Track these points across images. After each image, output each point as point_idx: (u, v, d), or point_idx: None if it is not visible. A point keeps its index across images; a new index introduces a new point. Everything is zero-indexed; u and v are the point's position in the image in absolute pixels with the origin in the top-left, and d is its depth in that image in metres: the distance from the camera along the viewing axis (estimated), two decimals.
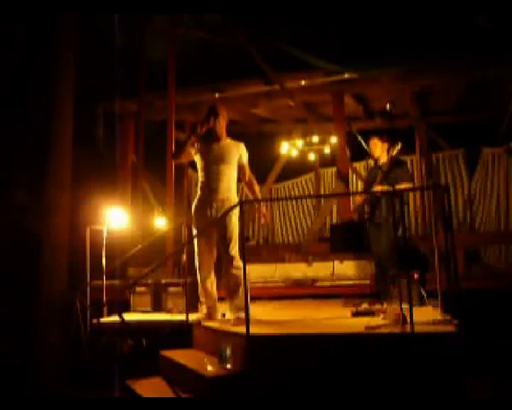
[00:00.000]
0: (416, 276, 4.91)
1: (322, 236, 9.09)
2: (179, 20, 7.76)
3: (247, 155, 4.77)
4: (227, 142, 4.71)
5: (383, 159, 5.48)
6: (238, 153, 4.71)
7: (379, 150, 5.50)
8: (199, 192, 4.69)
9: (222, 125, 4.67)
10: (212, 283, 4.66)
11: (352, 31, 8.27)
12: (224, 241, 4.49)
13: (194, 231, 4.68)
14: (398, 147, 5.36)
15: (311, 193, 11.04)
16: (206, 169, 4.64)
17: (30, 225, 7.06)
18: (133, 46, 8.08)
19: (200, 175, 4.70)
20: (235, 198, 4.64)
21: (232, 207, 4.40)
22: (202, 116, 4.68)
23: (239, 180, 4.82)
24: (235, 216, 4.47)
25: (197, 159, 4.71)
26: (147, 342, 4.65)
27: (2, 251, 7.03)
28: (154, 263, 5.02)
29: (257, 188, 4.91)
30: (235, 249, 4.51)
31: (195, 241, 4.63)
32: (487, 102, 8.99)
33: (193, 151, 4.69)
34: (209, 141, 4.70)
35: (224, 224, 4.46)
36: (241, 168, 4.74)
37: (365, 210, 5.48)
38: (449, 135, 9.92)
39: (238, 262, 4.46)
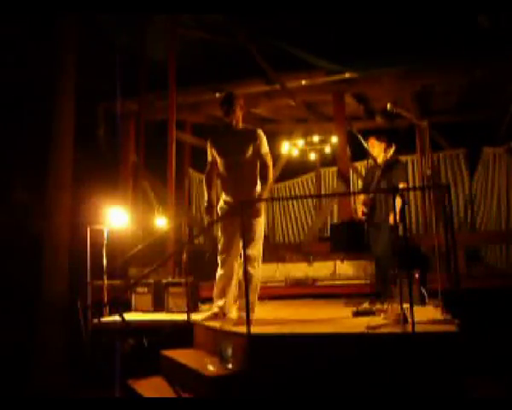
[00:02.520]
0: (416, 276, 4.91)
1: (322, 235, 9.09)
2: (179, 20, 7.76)
3: (264, 141, 4.47)
4: (240, 130, 4.46)
5: (380, 159, 5.51)
6: (251, 141, 4.42)
7: (376, 150, 5.54)
8: (222, 192, 4.56)
9: (237, 113, 4.44)
10: (231, 283, 4.59)
11: (352, 30, 8.25)
12: (245, 239, 4.26)
13: (219, 232, 4.58)
14: (393, 149, 5.41)
15: (312, 193, 11.04)
16: (224, 165, 4.46)
17: (31, 225, 7.07)
18: (134, 46, 8.08)
19: (221, 173, 4.52)
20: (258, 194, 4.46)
21: (239, 204, 4.17)
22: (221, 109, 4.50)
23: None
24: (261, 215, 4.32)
25: (217, 156, 4.53)
26: (148, 342, 4.66)
27: (3, 251, 7.04)
28: (155, 263, 5.02)
29: (269, 170, 4.45)
30: (254, 250, 4.36)
31: (223, 237, 4.55)
32: (488, 101, 8.98)
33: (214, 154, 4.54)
34: (224, 134, 4.53)
35: (246, 222, 4.20)
36: (259, 158, 4.44)
37: (363, 210, 5.50)
38: (450, 134, 9.92)
39: (253, 263, 4.34)
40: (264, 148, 4.50)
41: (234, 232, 4.47)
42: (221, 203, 4.59)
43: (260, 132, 4.50)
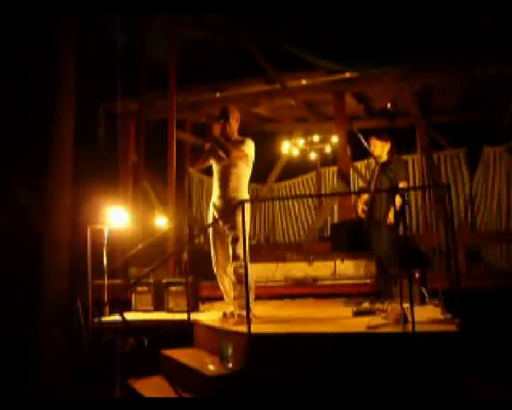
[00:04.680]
0: (417, 275, 4.90)
1: (323, 235, 9.09)
2: (180, 19, 7.76)
3: (250, 147, 4.60)
4: (232, 141, 4.65)
5: (383, 158, 5.49)
6: (240, 147, 4.62)
7: (378, 150, 5.53)
8: (213, 193, 4.74)
9: (233, 126, 4.67)
10: (229, 282, 4.64)
11: (353, 30, 8.26)
12: (232, 240, 4.49)
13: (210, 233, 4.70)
14: (388, 146, 5.44)
15: (312, 192, 11.04)
16: (217, 170, 4.67)
17: (31, 225, 7.07)
18: (134, 46, 8.08)
19: (214, 176, 4.73)
20: (244, 198, 4.59)
21: (233, 206, 4.38)
22: (210, 118, 4.69)
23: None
24: (245, 215, 4.37)
25: (212, 162, 4.72)
26: (148, 342, 4.66)
27: (3, 251, 7.04)
28: (155, 262, 5.03)
29: (232, 150, 4.51)
30: (241, 249, 4.43)
31: (211, 241, 4.67)
32: (488, 101, 8.99)
33: (209, 156, 4.70)
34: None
35: (231, 223, 4.46)
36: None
37: (363, 208, 5.50)
38: (450, 134, 9.92)
39: (242, 262, 4.40)
40: (245, 146, 4.58)
41: (222, 234, 4.61)
42: (211, 208, 4.72)
43: (248, 139, 4.65)
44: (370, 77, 7.97)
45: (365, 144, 5.42)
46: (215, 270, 4.68)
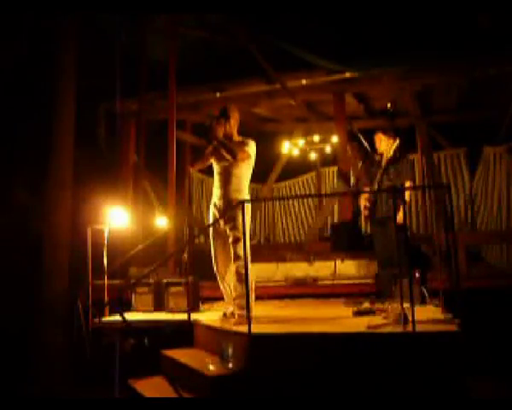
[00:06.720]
0: (417, 275, 4.90)
1: (323, 235, 9.09)
2: (180, 19, 7.76)
3: (252, 148, 4.60)
4: (234, 142, 4.64)
5: (388, 154, 5.47)
6: (241, 148, 4.60)
7: (383, 145, 5.50)
8: (213, 193, 4.73)
9: (233, 126, 4.65)
10: (229, 282, 4.63)
11: (353, 30, 8.27)
12: (233, 240, 4.48)
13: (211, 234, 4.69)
14: (396, 143, 5.39)
15: (313, 192, 11.04)
16: (217, 171, 4.66)
17: (31, 225, 7.07)
18: (134, 46, 8.09)
19: (214, 176, 4.72)
20: (245, 198, 4.58)
21: (234, 206, 4.37)
22: (215, 119, 4.63)
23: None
24: (245, 216, 4.38)
25: (212, 162, 4.71)
26: (148, 342, 4.66)
27: (4, 251, 7.04)
28: (156, 263, 5.03)
29: (236, 154, 4.52)
30: (242, 250, 4.44)
31: (211, 242, 4.67)
32: (489, 100, 8.98)
33: (210, 156, 4.69)
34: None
35: (232, 224, 4.45)
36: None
37: (366, 205, 5.47)
38: (450, 134, 9.92)
39: (243, 262, 4.41)
40: (248, 147, 4.57)
41: (223, 235, 4.59)
42: (211, 208, 4.72)
43: (250, 140, 4.64)
44: (370, 77, 7.96)
45: (365, 144, 5.42)
46: (215, 270, 4.68)
